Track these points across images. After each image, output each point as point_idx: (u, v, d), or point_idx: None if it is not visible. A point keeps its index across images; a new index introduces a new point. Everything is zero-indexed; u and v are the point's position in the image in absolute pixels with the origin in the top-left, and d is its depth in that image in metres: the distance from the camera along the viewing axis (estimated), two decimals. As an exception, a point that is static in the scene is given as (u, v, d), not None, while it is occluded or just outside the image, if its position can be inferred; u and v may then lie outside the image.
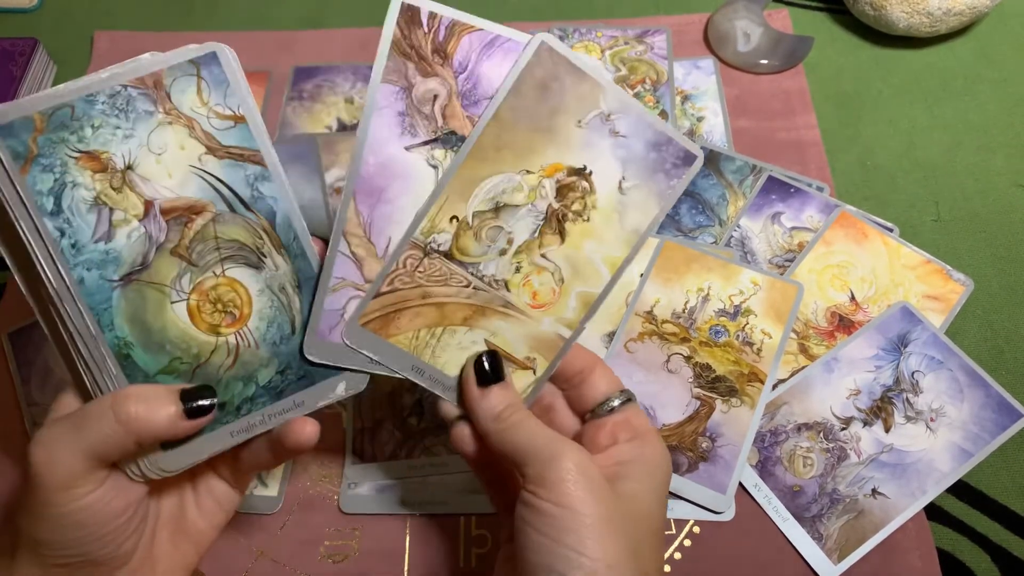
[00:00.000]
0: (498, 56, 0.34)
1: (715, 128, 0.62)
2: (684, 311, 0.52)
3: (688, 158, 0.35)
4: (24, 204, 0.29)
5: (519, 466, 0.32)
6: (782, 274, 0.54)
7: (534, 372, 0.36)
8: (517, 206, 0.35)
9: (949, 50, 0.66)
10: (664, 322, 0.52)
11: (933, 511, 0.47)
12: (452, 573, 0.46)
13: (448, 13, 0.33)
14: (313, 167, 0.61)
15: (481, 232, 0.35)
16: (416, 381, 0.35)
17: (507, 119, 0.34)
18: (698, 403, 0.49)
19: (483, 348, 0.36)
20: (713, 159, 0.59)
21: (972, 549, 0.46)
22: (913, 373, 0.50)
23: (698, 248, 0.54)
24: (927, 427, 0.48)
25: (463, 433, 0.36)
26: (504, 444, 0.33)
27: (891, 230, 0.56)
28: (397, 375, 0.35)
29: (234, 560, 0.46)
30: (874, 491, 0.47)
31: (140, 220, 0.31)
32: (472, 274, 0.35)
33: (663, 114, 0.62)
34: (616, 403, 0.36)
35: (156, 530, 0.34)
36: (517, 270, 0.35)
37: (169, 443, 0.32)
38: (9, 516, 0.47)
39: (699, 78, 0.64)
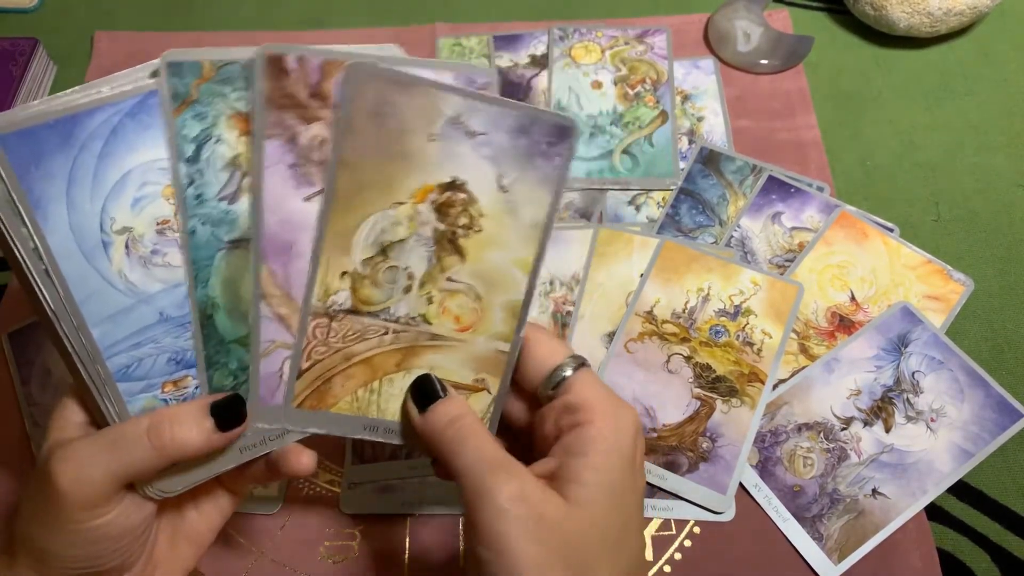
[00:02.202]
0: None
1: (715, 128, 0.62)
2: (684, 311, 0.52)
3: (562, 131, 0.32)
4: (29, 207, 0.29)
5: (459, 489, 0.30)
6: (782, 274, 0.54)
7: (489, 392, 0.35)
8: (403, 240, 0.33)
9: (949, 50, 0.66)
10: (664, 322, 0.52)
11: (933, 511, 0.47)
12: (452, 573, 0.46)
13: (316, 54, 0.31)
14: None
15: (377, 277, 0.33)
16: (372, 439, 0.34)
17: (354, 160, 0.31)
18: (698, 403, 0.49)
19: None
20: (713, 159, 0.59)
21: (972, 549, 0.46)
22: (913, 373, 0.50)
23: (698, 248, 0.54)
24: (927, 427, 0.48)
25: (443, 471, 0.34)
26: (448, 459, 0.31)
27: (891, 230, 0.56)
28: (352, 437, 0.35)
29: (234, 560, 0.46)
30: (874, 491, 0.47)
31: None
32: (386, 320, 0.33)
33: (663, 114, 0.62)
34: (563, 375, 0.33)
35: (156, 534, 0.34)
36: (429, 301, 0.34)
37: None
38: (8, 516, 0.47)
39: (699, 78, 0.64)
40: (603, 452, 0.31)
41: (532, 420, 0.35)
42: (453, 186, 0.33)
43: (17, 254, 0.29)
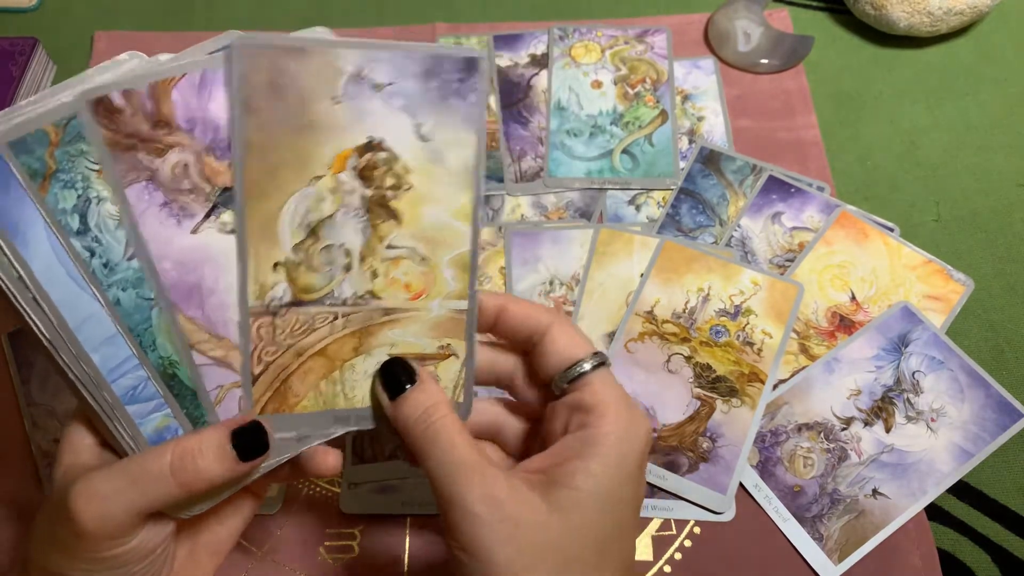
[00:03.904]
0: (217, 89, 0.29)
1: (715, 128, 0.61)
2: (684, 311, 0.52)
3: (469, 64, 0.30)
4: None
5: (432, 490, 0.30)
6: (782, 274, 0.54)
7: (456, 356, 0.33)
8: (331, 216, 0.31)
9: (949, 50, 0.66)
10: (664, 322, 0.52)
11: (933, 511, 0.47)
12: (452, 573, 0.46)
13: (139, 82, 0.28)
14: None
15: (313, 261, 0.31)
16: (346, 430, 0.33)
17: (260, 141, 0.29)
18: (698, 403, 0.49)
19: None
20: (713, 159, 0.59)
21: (973, 549, 0.46)
22: (914, 373, 0.50)
23: (698, 248, 0.54)
24: (928, 427, 0.48)
25: None
26: (420, 458, 0.30)
27: (892, 230, 0.56)
28: (329, 436, 0.33)
29: (234, 560, 0.45)
30: (875, 491, 0.47)
31: None
32: (332, 305, 0.32)
33: (663, 114, 0.62)
34: (581, 370, 0.31)
35: (176, 549, 0.33)
36: (374, 275, 0.32)
37: None
38: (7, 518, 0.47)
39: (699, 78, 0.64)
40: (603, 459, 0.29)
41: (543, 412, 0.34)
42: (371, 147, 0.30)
43: (2, 285, 0.27)
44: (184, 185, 0.29)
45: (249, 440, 0.30)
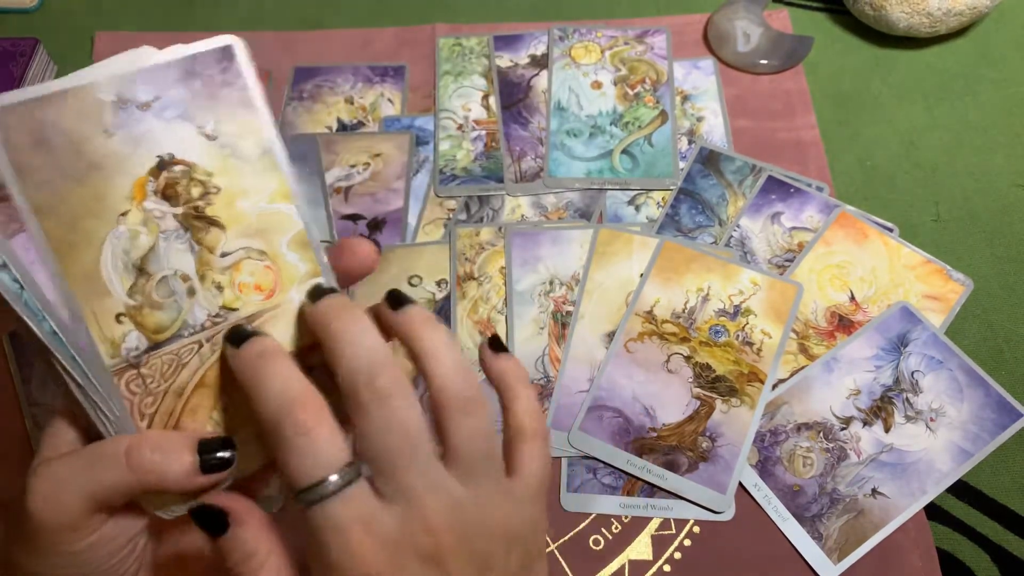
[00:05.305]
0: None
1: (715, 128, 0.62)
2: (684, 311, 0.52)
3: (224, 54, 0.29)
4: None
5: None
6: (782, 274, 0.54)
7: None
8: (153, 247, 0.29)
9: (949, 50, 0.66)
10: (664, 322, 0.52)
11: (933, 511, 0.47)
12: None
13: None
14: (313, 167, 0.61)
15: (153, 299, 0.29)
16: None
17: (46, 200, 0.27)
18: (698, 403, 0.49)
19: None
20: (713, 159, 0.59)
21: (972, 549, 0.46)
22: (913, 373, 0.50)
23: (698, 248, 0.54)
24: (927, 427, 0.48)
25: None
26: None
27: (891, 230, 0.56)
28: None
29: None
30: (874, 491, 0.47)
31: None
32: (191, 335, 0.30)
33: (663, 114, 0.62)
34: (321, 493, 0.26)
35: (158, 550, 0.32)
36: (219, 288, 0.30)
37: None
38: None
39: (699, 78, 0.64)
40: None
41: None
42: (163, 165, 0.29)
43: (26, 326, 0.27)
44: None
45: (213, 451, 0.28)
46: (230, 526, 0.28)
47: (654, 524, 0.47)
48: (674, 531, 0.47)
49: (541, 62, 0.65)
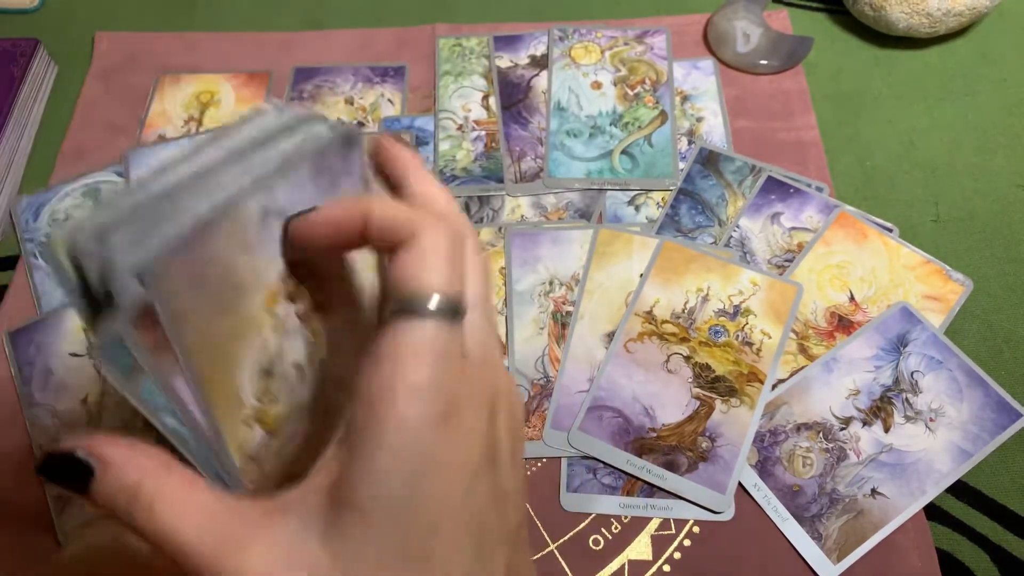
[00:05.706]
0: None
1: (715, 128, 0.62)
2: (684, 311, 0.52)
3: (347, 141, 0.27)
4: None
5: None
6: (781, 274, 0.54)
7: None
8: (279, 350, 0.27)
9: (949, 50, 0.66)
10: (664, 322, 0.52)
11: (933, 511, 0.47)
12: None
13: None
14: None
15: (272, 395, 0.27)
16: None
17: (200, 340, 0.24)
18: (698, 403, 0.49)
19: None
20: (713, 159, 0.60)
21: (972, 549, 0.46)
22: (912, 373, 0.50)
23: (697, 248, 0.54)
24: (926, 427, 0.48)
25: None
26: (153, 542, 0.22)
27: (891, 230, 0.56)
28: None
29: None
30: (873, 491, 0.47)
31: None
32: (299, 413, 0.29)
33: (663, 115, 0.62)
34: (410, 308, 0.22)
35: None
36: (323, 364, 0.29)
37: None
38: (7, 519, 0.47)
39: (699, 78, 0.64)
40: (388, 450, 0.20)
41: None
42: (292, 271, 0.27)
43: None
44: None
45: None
46: (94, 468, 0.22)
47: (654, 524, 0.47)
48: (674, 531, 0.47)
49: (541, 62, 0.65)
